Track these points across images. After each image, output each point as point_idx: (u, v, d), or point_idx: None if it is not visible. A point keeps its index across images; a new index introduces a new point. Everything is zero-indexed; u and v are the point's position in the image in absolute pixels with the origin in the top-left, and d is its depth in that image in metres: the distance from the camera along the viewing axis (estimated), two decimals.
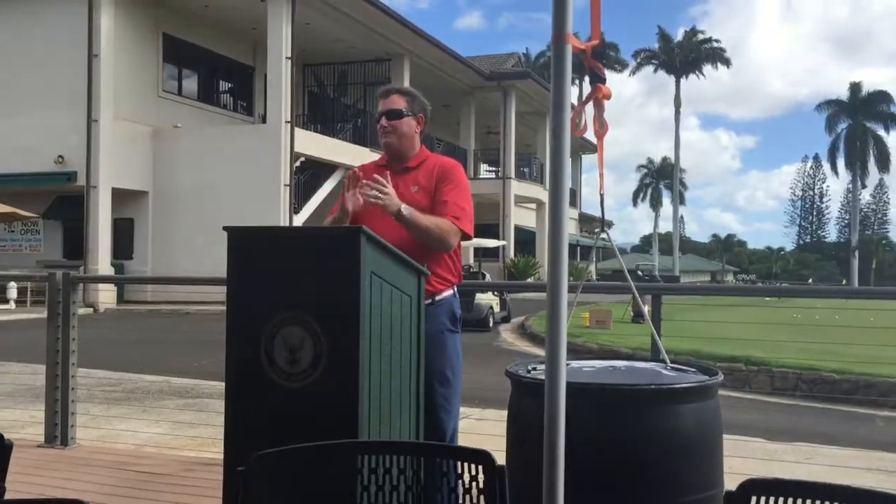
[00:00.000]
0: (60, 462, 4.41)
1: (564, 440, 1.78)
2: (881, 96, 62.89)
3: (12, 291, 19.26)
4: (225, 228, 2.53)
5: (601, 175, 2.22)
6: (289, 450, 1.47)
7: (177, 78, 23.81)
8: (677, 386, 1.92)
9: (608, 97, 1.99)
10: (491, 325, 18.13)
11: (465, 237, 3.04)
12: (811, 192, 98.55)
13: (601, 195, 2.27)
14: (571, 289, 2.49)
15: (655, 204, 73.59)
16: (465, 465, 1.45)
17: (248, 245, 2.56)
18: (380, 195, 2.78)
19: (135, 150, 21.23)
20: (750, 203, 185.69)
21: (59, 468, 4.28)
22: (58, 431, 4.76)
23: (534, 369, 2.14)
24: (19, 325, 15.57)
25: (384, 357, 2.51)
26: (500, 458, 2.21)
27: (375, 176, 2.86)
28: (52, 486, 3.97)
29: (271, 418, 2.45)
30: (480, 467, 1.39)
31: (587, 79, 2.07)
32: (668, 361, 2.19)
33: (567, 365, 2.00)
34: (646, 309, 4.95)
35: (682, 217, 73.95)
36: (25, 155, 20.28)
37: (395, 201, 2.81)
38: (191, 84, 24.47)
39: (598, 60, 1.95)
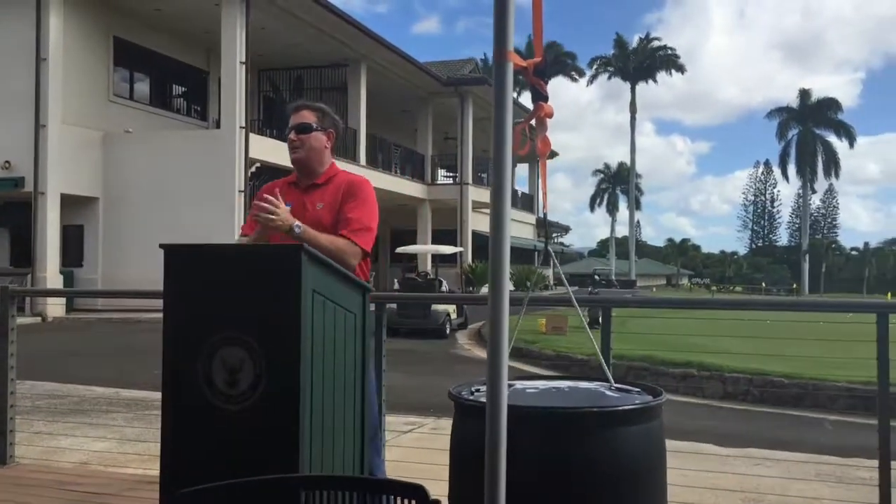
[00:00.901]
0: None
1: (506, 465, 1.74)
2: (830, 103, 64.43)
3: None
4: (162, 246, 2.46)
5: (544, 194, 2.19)
6: (213, 487, 1.41)
7: (128, 82, 23.39)
8: (620, 408, 1.90)
9: (550, 115, 1.96)
10: (448, 331, 18.10)
11: (365, 254, 3.03)
12: (763, 197, 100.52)
13: (544, 213, 2.25)
14: (516, 301, 2.46)
15: (612, 209, 74.47)
16: (399, 499, 1.40)
17: (185, 263, 2.48)
18: (271, 215, 2.78)
19: (84, 155, 20.80)
20: (704, 208, 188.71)
21: None
22: None
23: (477, 391, 2.10)
24: None
25: (327, 377, 2.45)
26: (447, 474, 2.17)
27: (265, 196, 2.86)
28: None
29: (209, 441, 2.37)
30: (414, 502, 1.34)
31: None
32: (611, 381, 2.17)
33: (510, 387, 1.96)
34: (600, 317, 4.94)
35: (638, 221, 74.87)
36: None
37: (286, 220, 2.81)
38: (143, 88, 24.06)
39: (540, 78, 1.92)
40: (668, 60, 58.06)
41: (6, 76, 19.75)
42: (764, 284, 68.07)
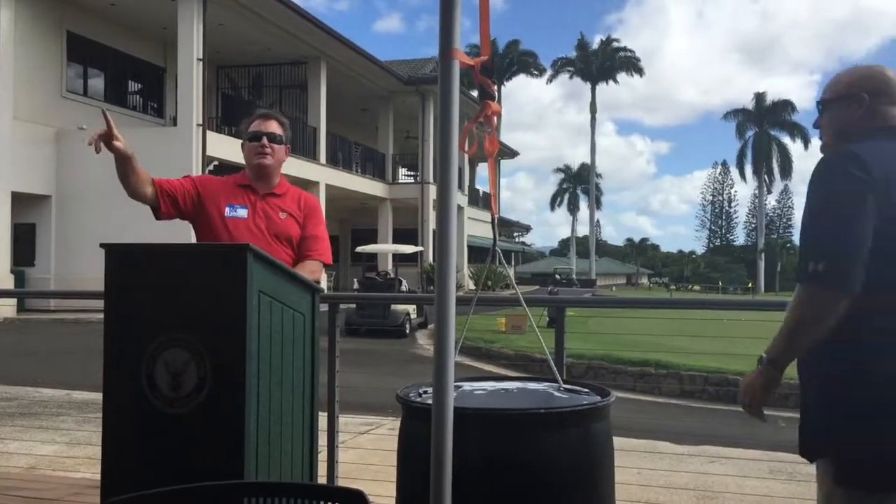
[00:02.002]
0: None
1: (452, 467, 1.72)
2: (785, 105, 65.65)
3: None
4: (102, 245, 2.39)
5: (493, 196, 2.18)
6: (148, 495, 1.37)
7: (82, 78, 22.94)
8: (567, 409, 1.89)
9: (498, 114, 1.94)
10: (408, 331, 18.07)
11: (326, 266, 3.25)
12: (720, 198, 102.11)
13: (494, 217, 2.23)
14: (464, 302, 2.45)
15: (573, 208, 75.09)
16: None
17: (127, 262, 2.42)
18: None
19: (36, 152, 20.34)
20: (664, 207, 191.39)
21: None
22: None
23: (424, 392, 2.08)
24: None
25: (274, 379, 2.41)
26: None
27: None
28: None
29: (152, 446, 2.32)
30: None
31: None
32: (561, 382, 2.16)
33: (458, 388, 1.94)
34: (535, 322, 4.94)
35: (598, 221, 75.65)
36: None
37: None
38: (97, 84, 23.61)
39: (486, 77, 1.90)
40: (628, 62, 58.68)
41: None
42: (721, 283, 69.14)
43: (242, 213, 3.03)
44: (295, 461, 2.51)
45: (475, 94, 35.09)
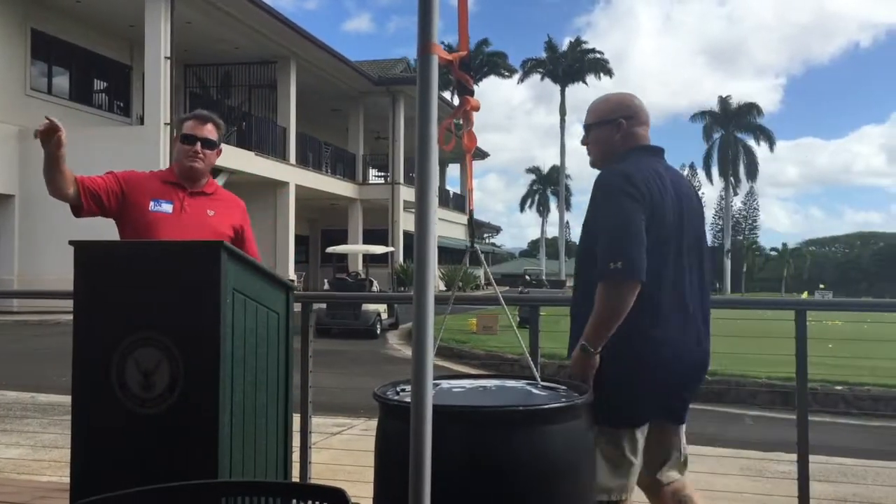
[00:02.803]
0: None
1: (431, 465, 1.70)
2: (750, 108, 66.47)
3: None
4: (71, 243, 2.34)
5: (470, 190, 2.17)
6: (120, 496, 1.33)
7: (47, 76, 22.57)
8: (545, 407, 1.88)
9: (476, 109, 1.93)
10: (379, 332, 18.00)
11: None
12: None
13: (470, 211, 2.22)
14: (442, 300, 2.43)
15: (543, 209, 75.36)
16: None
17: (96, 260, 2.37)
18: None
19: None
20: None
21: None
22: None
23: (402, 391, 2.06)
24: None
25: (248, 378, 2.37)
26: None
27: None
28: None
29: (123, 447, 2.27)
30: None
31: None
32: (538, 380, 2.16)
33: (436, 386, 1.93)
34: (515, 321, 4.95)
35: (568, 222, 75.80)
36: None
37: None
38: (62, 83, 23.24)
39: (465, 72, 1.89)
40: (597, 64, 58.98)
41: None
42: None
43: (167, 207, 2.99)
44: (269, 462, 2.48)
45: (446, 94, 35.09)
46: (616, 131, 2.54)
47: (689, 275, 2.51)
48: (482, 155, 50.08)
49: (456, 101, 2.03)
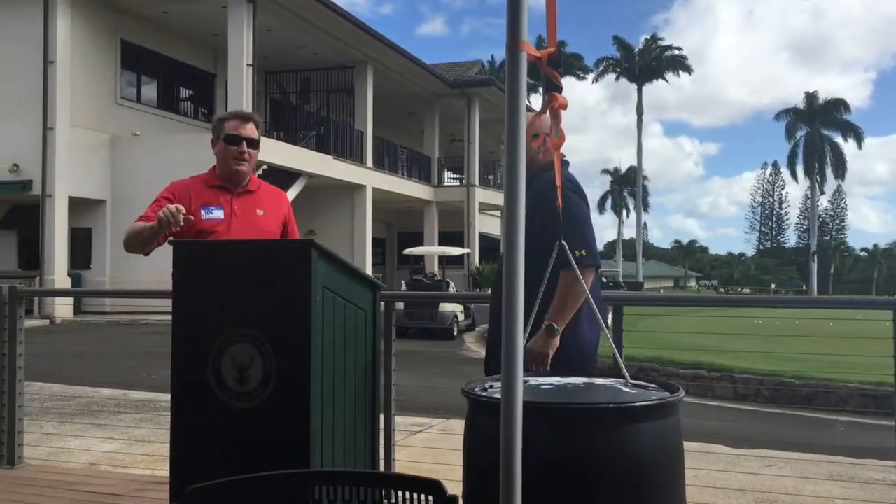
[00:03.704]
0: (5, 483, 4.24)
1: (521, 462, 1.71)
2: (837, 104, 64.12)
3: None
4: (170, 242, 2.43)
5: (559, 186, 2.16)
6: (224, 483, 1.38)
7: (136, 85, 23.42)
8: (637, 404, 1.86)
9: (564, 107, 1.93)
10: (455, 333, 18.06)
11: None
12: (771, 199, 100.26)
13: (558, 206, 2.21)
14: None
15: (619, 210, 74.31)
16: (416, 495, 1.37)
17: (194, 259, 2.46)
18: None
19: (92, 158, 20.82)
20: (712, 209, 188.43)
21: (4, 489, 4.11)
22: (4, 450, 4.58)
23: (490, 387, 2.06)
24: None
25: (338, 374, 2.42)
26: (460, 472, 2.14)
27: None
28: None
29: (219, 440, 2.35)
30: (431, 498, 1.31)
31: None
32: (627, 377, 2.14)
33: (524, 383, 1.93)
34: (609, 318, 4.90)
35: (645, 223, 74.74)
36: None
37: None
38: (150, 91, 24.09)
39: (554, 69, 1.89)
40: (675, 61, 57.90)
41: (14, 79, 19.79)
42: (773, 286, 67.84)
43: (218, 213, 3.00)
44: (358, 456, 2.52)
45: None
46: (538, 144, 2.82)
47: None
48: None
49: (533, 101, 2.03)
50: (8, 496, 4.00)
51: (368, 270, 26.83)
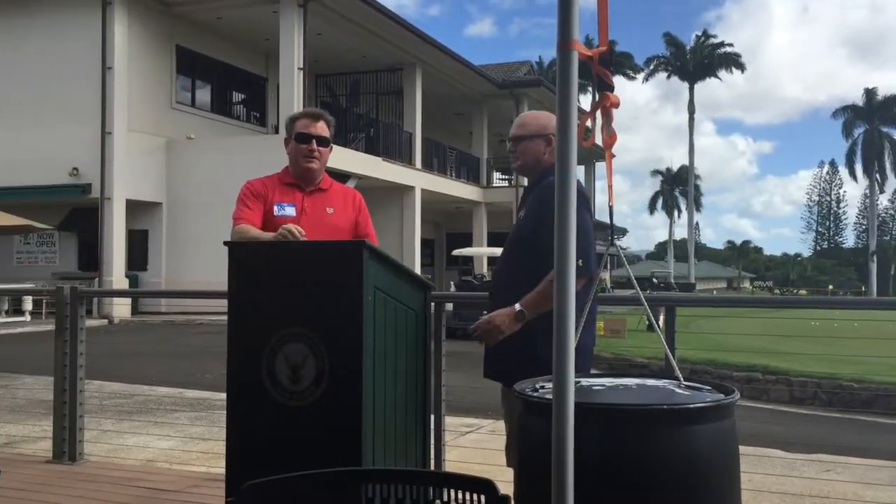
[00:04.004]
0: (66, 478, 4.36)
1: (573, 462, 1.70)
2: None
3: (27, 304, 19.34)
4: (226, 243, 2.48)
5: (610, 186, 2.15)
6: (280, 479, 1.40)
7: (190, 89, 23.88)
8: (692, 406, 1.84)
9: (616, 105, 1.92)
10: None
11: None
12: (828, 198, 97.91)
13: (610, 206, 2.20)
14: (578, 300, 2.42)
15: (671, 210, 73.33)
16: (468, 494, 1.38)
17: (248, 260, 2.50)
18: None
19: (148, 161, 21.31)
20: (767, 209, 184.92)
21: (65, 485, 4.23)
22: (66, 447, 4.71)
23: (542, 387, 2.06)
24: (33, 337, 15.62)
25: (389, 374, 2.44)
26: (509, 473, 2.14)
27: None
28: (55, 503, 3.92)
29: (273, 438, 2.38)
30: (484, 498, 1.31)
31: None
32: (681, 379, 2.11)
33: (576, 383, 1.92)
34: (661, 319, 4.84)
35: (697, 223, 73.56)
36: (41, 167, 20.40)
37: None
38: (204, 95, 24.54)
39: (605, 67, 1.88)
40: (728, 58, 56.94)
41: (75, 85, 20.36)
42: (831, 287, 66.25)
43: (290, 211, 3.04)
44: (409, 456, 2.53)
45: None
46: (547, 145, 2.87)
47: None
48: (600, 157, 49.15)
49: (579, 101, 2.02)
50: (70, 491, 4.11)
51: (417, 271, 26.94)
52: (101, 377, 9.07)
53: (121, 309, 19.75)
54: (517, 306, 2.62)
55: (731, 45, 57.53)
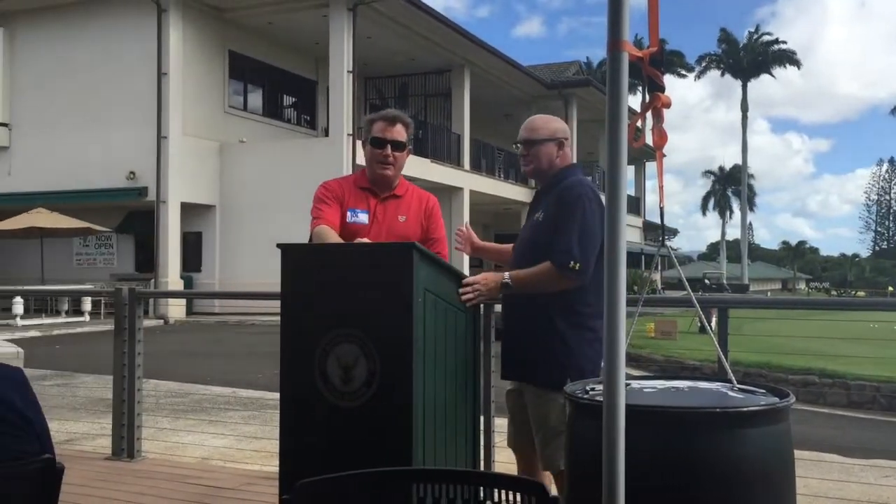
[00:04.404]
0: (125, 475, 4.47)
1: (624, 465, 1.70)
2: None
3: (86, 304, 19.88)
4: (279, 246, 2.52)
5: (660, 187, 2.13)
6: (333, 478, 1.43)
7: (242, 94, 24.27)
8: (745, 409, 1.82)
9: (668, 106, 1.90)
10: None
11: None
12: (887, 197, 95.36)
13: (661, 207, 2.18)
14: (631, 303, 2.40)
15: (723, 210, 72.13)
16: (518, 495, 1.38)
17: (301, 262, 2.54)
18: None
19: (202, 165, 21.71)
20: (823, 208, 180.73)
21: (124, 481, 4.34)
22: (124, 444, 4.83)
23: (592, 389, 2.05)
24: (93, 337, 16.03)
25: (439, 375, 2.46)
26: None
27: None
28: (114, 498, 4.02)
29: (325, 437, 2.42)
30: (534, 499, 1.32)
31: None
32: (734, 381, 2.09)
33: (627, 385, 1.91)
34: (713, 321, 4.77)
35: (750, 223, 72.29)
36: (100, 171, 20.95)
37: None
38: (255, 99, 24.92)
39: (656, 68, 1.87)
40: (782, 55, 55.82)
41: (131, 90, 20.86)
42: (891, 289, 64.44)
43: (363, 217, 3.00)
44: (459, 456, 2.55)
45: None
46: (557, 149, 2.94)
47: None
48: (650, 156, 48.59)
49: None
50: (128, 487, 4.22)
51: (466, 273, 26.96)
52: (157, 376, 9.26)
53: (176, 309, 20.16)
54: (506, 275, 2.76)
55: (784, 42, 56.36)
